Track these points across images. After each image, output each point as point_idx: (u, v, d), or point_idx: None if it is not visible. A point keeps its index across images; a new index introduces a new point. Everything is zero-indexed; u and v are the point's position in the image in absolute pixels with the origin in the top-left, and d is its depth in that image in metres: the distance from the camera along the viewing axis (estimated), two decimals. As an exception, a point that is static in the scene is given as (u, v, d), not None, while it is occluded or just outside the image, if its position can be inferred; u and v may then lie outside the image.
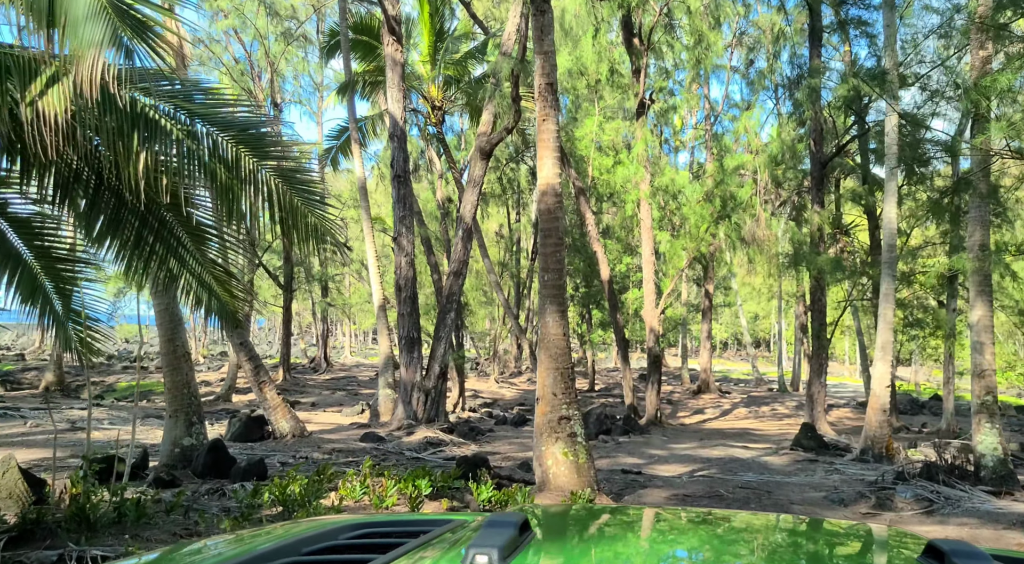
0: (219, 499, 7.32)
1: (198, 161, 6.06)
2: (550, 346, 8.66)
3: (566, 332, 8.77)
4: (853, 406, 27.65)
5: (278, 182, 6.29)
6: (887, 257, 13.32)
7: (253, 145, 6.23)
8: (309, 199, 6.44)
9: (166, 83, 6.19)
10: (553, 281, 8.72)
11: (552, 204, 8.71)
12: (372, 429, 15.58)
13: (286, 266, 26.60)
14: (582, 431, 8.68)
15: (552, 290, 8.71)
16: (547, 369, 8.66)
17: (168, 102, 5.96)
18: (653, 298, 20.20)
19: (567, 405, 8.61)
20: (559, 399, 8.59)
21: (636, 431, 17.99)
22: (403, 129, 15.88)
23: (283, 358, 26.82)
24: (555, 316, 8.66)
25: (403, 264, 15.72)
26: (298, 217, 6.34)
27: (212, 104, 6.35)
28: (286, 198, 6.29)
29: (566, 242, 28.82)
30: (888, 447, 13.33)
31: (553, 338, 8.65)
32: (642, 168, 20.40)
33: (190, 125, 5.99)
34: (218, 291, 7.43)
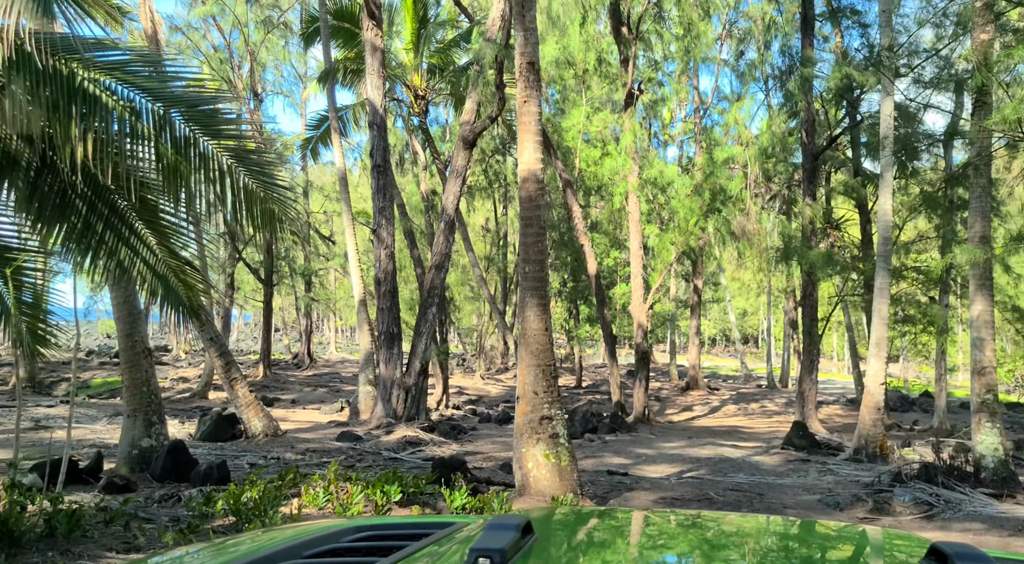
0: (172, 506, 6.79)
1: (142, 139, 5.52)
2: (531, 342, 8.17)
3: (548, 327, 8.29)
4: (843, 403, 27.33)
5: (231, 163, 5.75)
6: (882, 250, 12.91)
7: (204, 122, 5.69)
8: (266, 182, 5.91)
9: (107, 54, 5.64)
10: (534, 273, 8.23)
11: (534, 191, 8.21)
12: (350, 428, 15.06)
13: (266, 260, 26.00)
14: (565, 431, 8.20)
15: (533, 282, 8.22)
16: (528, 366, 8.18)
17: (108, 74, 5.41)
18: (641, 293, 19.75)
19: (549, 404, 8.13)
20: (541, 398, 8.11)
21: (623, 429, 17.55)
22: (383, 117, 15.34)
23: (263, 354, 26.20)
24: (536, 310, 8.17)
25: (383, 257, 15.19)
26: (253, 201, 5.81)
27: (160, 78, 5.80)
28: (240, 180, 5.76)
29: (552, 235, 28.33)
30: (882, 446, 12.93)
31: (534, 333, 8.16)
32: (630, 160, 19.93)
33: (133, 100, 5.45)
34: (174, 283, 6.89)
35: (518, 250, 8.07)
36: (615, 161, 19.87)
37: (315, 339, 75.85)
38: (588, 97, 21.65)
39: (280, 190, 5.99)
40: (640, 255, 19.97)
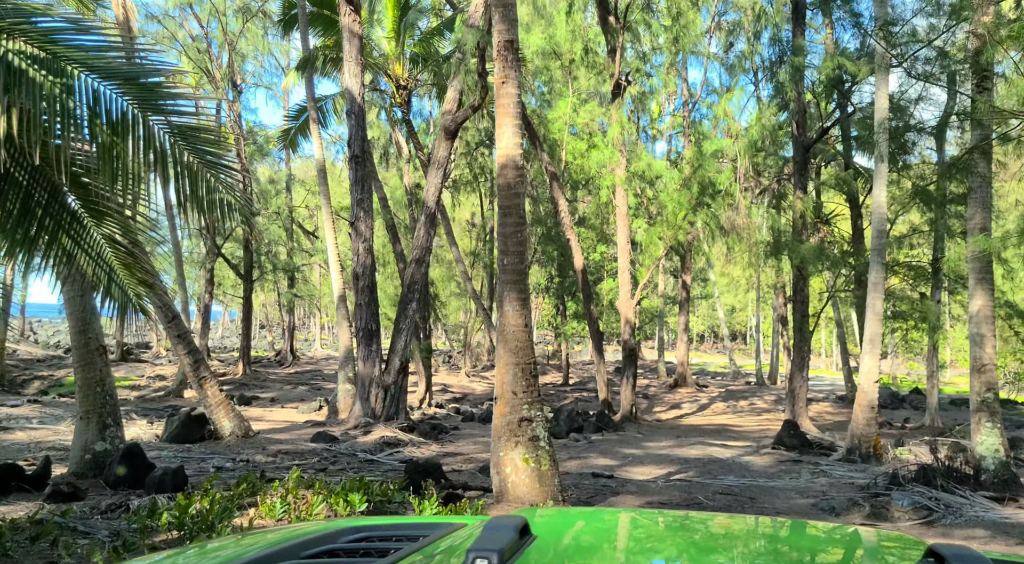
0: (118, 517, 6.25)
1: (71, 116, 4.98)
2: (510, 338, 7.68)
3: (528, 323, 7.79)
4: (832, 400, 27.00)
5: (174, 140, 5.22)
6: (876, 243, 12.49)
7: (141, 96, 5.15)
8: (213, 163, 5.38)
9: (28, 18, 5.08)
10: (513, 265, 7.73)
11: (512, 178, 7.71)
12: (327, 428, 14.53)
13: (246, 255, 25.37)
14: (546, 434, 7.72)
15: (512, 275, 7.72)
16: (506, 364, 7.68)
17: (28, 41, 4.86)
18: (628, 288, 19.29)
19: (529, 405, 7.64)
20: (520, 398, 7.62)
21: (610, 428, 17.09)
22: (361, 106, 14.79)
23: (243, 351, 25.60)
24: (515, 304, 7.68)
25: (361, 251, 14.65)
26: (198, 183, 5.28)
27: (92, 46, 5.25)
28: (182, 159, 5.23)
29: (539, 230, 27.83)
30: (876, 446, 12.52)
31: (513, 329, 7.67)
32: (617, 152, 19.45)
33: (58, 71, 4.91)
34: (120, 275, 6.35)
35: (497, 241, 7.55)
36: (602, 153, 19.38)
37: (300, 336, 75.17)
38: (575, 88, 21.16)
39: (228, 171, 5.46)
40: (627, 250, 19.51)
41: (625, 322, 19.38)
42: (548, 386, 29.22)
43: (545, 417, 7.87)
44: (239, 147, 24.53)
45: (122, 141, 5.09)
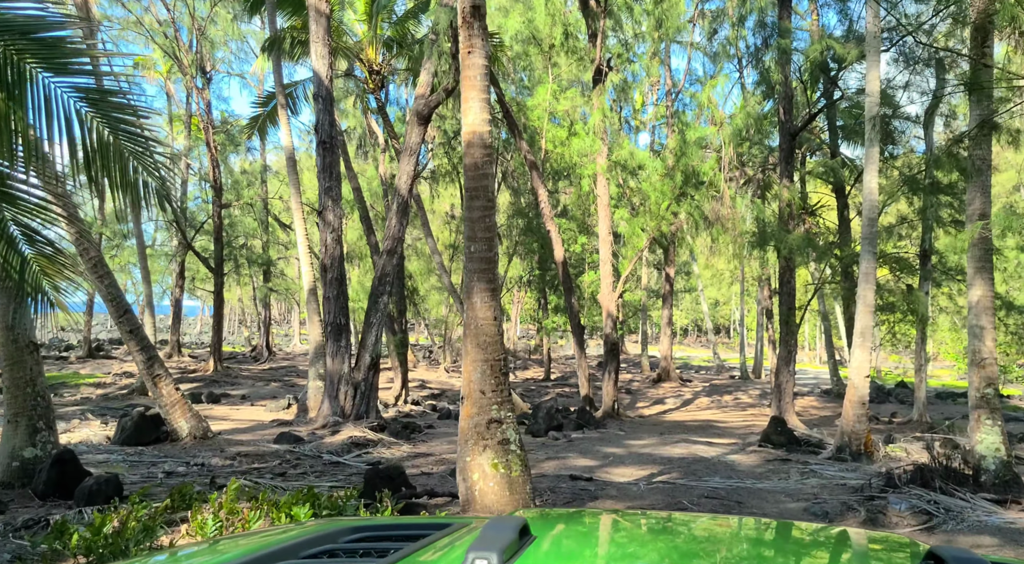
0: (33, 536, 5.56)
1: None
2: (478, 333, 7.03)
3: (497, 316, 7.15)
4: (818, 394, 26.60)
5: (82, 108, 4.52)
6: (866, 232, 11.94)
7: (43, 54, 4.44)
8: (129, 135, 4.68)
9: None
10: (481, 253, 7.08)
11: (480, 158, 7.05)
12: (293, 427, 13.84)
13: (216, 247, 24.53)
14: (516, 436, 7.08)
15: (480, 264, 7.07)
16: (474, 361, 7.04)
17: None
18: (610, 281, 18.71)
19: (498, 405, 7.00)
20: (488, 398, 6.98)
21: (591, 425, 16.51)
22: (329, 89, 14.06)
23: (214, 347, 24.78)
24: (484, 296, 7.03)
25: (329, 241, 13.94)
26: (111, 157, 4.58)
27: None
28: (93, 129, 4.53)
29: (519, 222, 27.18)
30: (866, 444, 12.00)
31: (481, 323, 7.02)
32: (599, 141, 18.85)
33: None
34: (35, 265, 5.64)
35: (464, 227, 6.90)
36: (583, 142, 18.76)
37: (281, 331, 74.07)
38: (555, 74, 20.51)
39: (146, 143, 4.76)
40: (609, 241, 18.92)
41: (607, 315, 18.80)
42: (529, 381, 28.65)
43: (516, 418, 7.24)
44: (208, 136, 23.65)
45: (19, 107, 4.38)
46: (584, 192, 20.15)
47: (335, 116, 14.27)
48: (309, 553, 1.67)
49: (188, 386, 22.75)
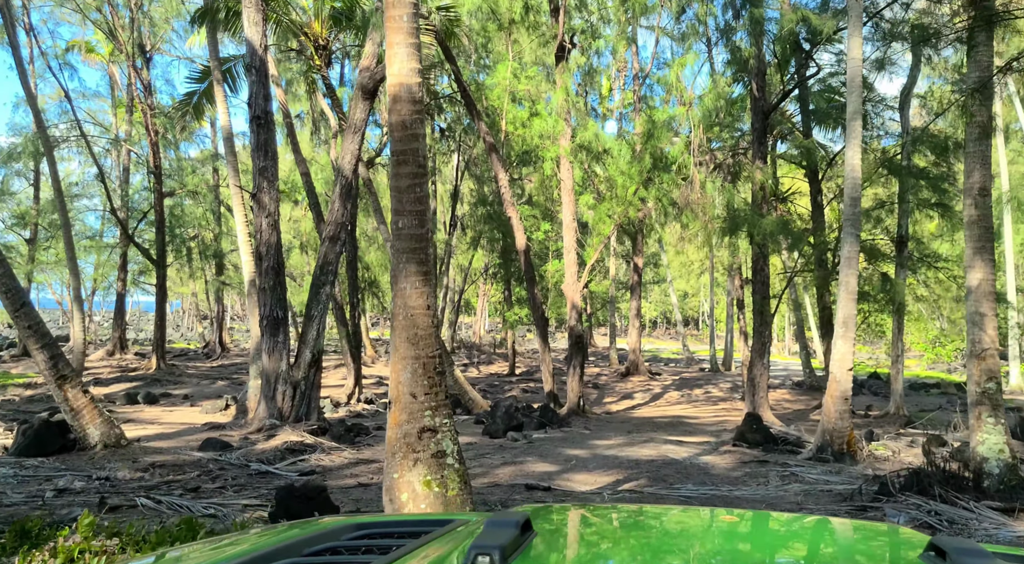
0: None
1: None
2: (408, 325, 5.89)
3: (431, 304, 6.02)
4: (790, 386, 25.85)
5: None
6: (849, 213, 11.00)
7: None
8: None
9: None
10: (412, 229, 5.94)
11: (408, 115, 5.89)
12: (226, 432, 12.60)
13: (158, 237, 23.01)
14: (455, 447, 5.96)
15: (410, 242, 5.93)
16: (403, 359, 5.90)
17: None
18: (575, 270, 17.64)
19: (432, 410, 5.87)
20: (420, 402, 5.85)
21: (555, 424, 15.46)
22: (263, 59, 12.77)
23: (156, 343, 23.27)
24: (414, 280, 5.89)
25: (264, 226, 12.68)
26: None
27: None
28: None
29: (481, 211, 26.03)
30: (849, 442, 11.08)
31: (412, 313, 5.88)
32: (562, 121, 17.75)
33: None
34: None
35: (391, 198, 5.69)
36: (545, 122, 17.64)
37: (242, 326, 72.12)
38: (516, 52, 19.35)
39: None
40: (574, 227, 17.85)
41: (572, 307, 17.75)
42: (493, 376, 27.56)
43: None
44: (146, 119, 22.11)
45: None
46: (547, 176, 19.02)
47: (270, 89, 12.98)
48: (312, 551, 1.67)
49: (126, 386, 21.29)
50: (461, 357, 32.57)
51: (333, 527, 1.86)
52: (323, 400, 17.72)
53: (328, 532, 1.81)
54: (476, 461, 10.82)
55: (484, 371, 29.17)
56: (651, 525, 1.93)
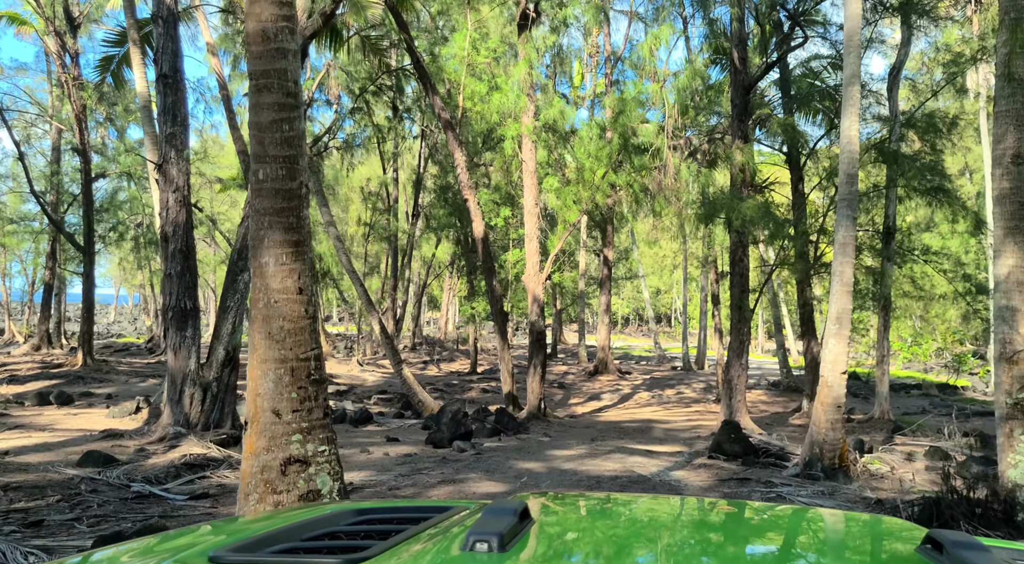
0: None
1: None
2: (270, 315, 4.26)
3: (305, 287, 4.38)
4: (765, 387, 24.54)
5: None
6: (844, 191, 9.53)
7: None
8: None
9: None
10: (277, 182, 4.30)
11: (271, 21, 4.25)
12: (121, 441, 10.84)
13: (85, 222, 21.03)
14: (335, 485, 4.35)
15: (275, 200, 4.29)
16: (263, 363, 4.26)
17: None
18: (537, 259, 16.07)
19: (304, 434, 4.25)
20: (287, 423, 4.22)
21: (511, 430, 13.88)
22: (171, 9, 11.01)
23: (83, 337, 21.30)
24: (280, 253, 4.26)
25: (171, 203, 10.92)
26: None
27: None
28: None
29: (445, 200, 24.33)
30: (842, 457, 9.62)
31: (277, 299, 4.25)
32: (525, 97, 16.16)
33: None
34: None
35: (249, 140, 3.96)
36: (506, 97, 16.02)
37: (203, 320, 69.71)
38: (475, 20, 17.69)
39: None
40: (536, 213, 16.27)
41: (533, 300, 16.17)
42: (453, 375, 25.92)
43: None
44: (70, 92, 20.12)
45: None
46: (508, 156, 17.41)
47: (180, 45, 11.20)
48: (311, 535, 1.66)
49: (45, 383, 19.34)
50: (421, 354, 30.88)
51: (333, 512, 1.88)
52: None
53: (328, 517, 1.81)
54: (408, 478, 9.21)
55: (445, 369, 27.53)
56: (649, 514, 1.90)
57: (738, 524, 1.83)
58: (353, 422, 14.78)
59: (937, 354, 38.56)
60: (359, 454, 10.99)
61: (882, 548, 1.67)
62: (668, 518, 1.85)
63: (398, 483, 8.96)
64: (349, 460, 10.63)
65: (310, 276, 4.36)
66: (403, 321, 34.58)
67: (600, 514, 1.87)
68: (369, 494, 8.35)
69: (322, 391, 4.41)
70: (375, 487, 8.67)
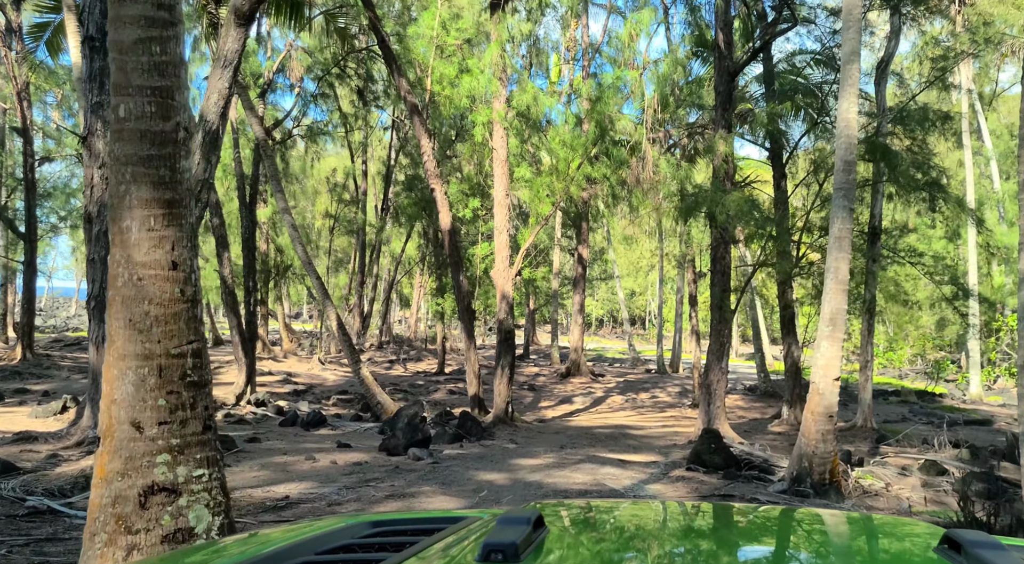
0: None
1: None
2: (133, 297, 3.23)
3: (180, 260, 3.36)
4: (742, 391, 23.77)
5: None
6: (841, 180, 8.67)
7: None
8: None
9: None
10: (144, 121, 3.28)
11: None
12: (36, 444, 9.69)
13: (26, 206, 19.68)
14: (216, 521, 3.33)
15: (141, 146, 3.27)
16: (122, 359, 3.23)
17: None
18: (507, 254, 15.09)
19: (174, 453, 3.23)
20: (152, 438, 3.20)
21: (475, 435, 12.89)
22: (101, -38, 9.88)
23: (23, 330, 19.95)
24: (148, 215, 3.24)
25: (96, 179, 9.80)
26: None
27: None
28: None
29: (411, 188, 23.26)
30: (833, 471, 8.76)
31: (142, 275, 3.23)
32: (496, 81, 15.19)
33: None
34: None
35: (110, 67, 2.87)
36: (476, 81, 15.04)
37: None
38: (445, 0, 16.69)
39: None
40: (507, 204, 15.30)
41: (502, 297, 15.19)
42: (420, 375, 24.85)
43: (221, 476, 3.47)
44: (9, 67, 18.74)
45: None
46: (478, 144, 16.41)
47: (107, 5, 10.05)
48: (325, 548, 1.66)
49: (-24, 379, 18.03)
50: (388, 353, 29.77)
51: (347, 525, 1.86)
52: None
53: (342, 530, 1.81)
54: (353, 491, 8.20)
55: (412, 369, 26.45)
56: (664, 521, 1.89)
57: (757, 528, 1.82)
58: (305, 425, 13.71)
59: (911, 360, 38.18)
60: (303, 462, 9.94)
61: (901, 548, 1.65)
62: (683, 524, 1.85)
63: (341, 497, 7.93)
64: (291, 469, 9.59)
65: (190, 247, 3.35)
66: (370, 318, 33.43)
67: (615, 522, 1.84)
68: (305, 511, 7.32)
69: (202, 397, 3.40)
70: (312, 502, 7.64)
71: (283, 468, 9.57)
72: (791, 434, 15.45)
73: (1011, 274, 32.12)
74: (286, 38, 19.92)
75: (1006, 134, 36.18)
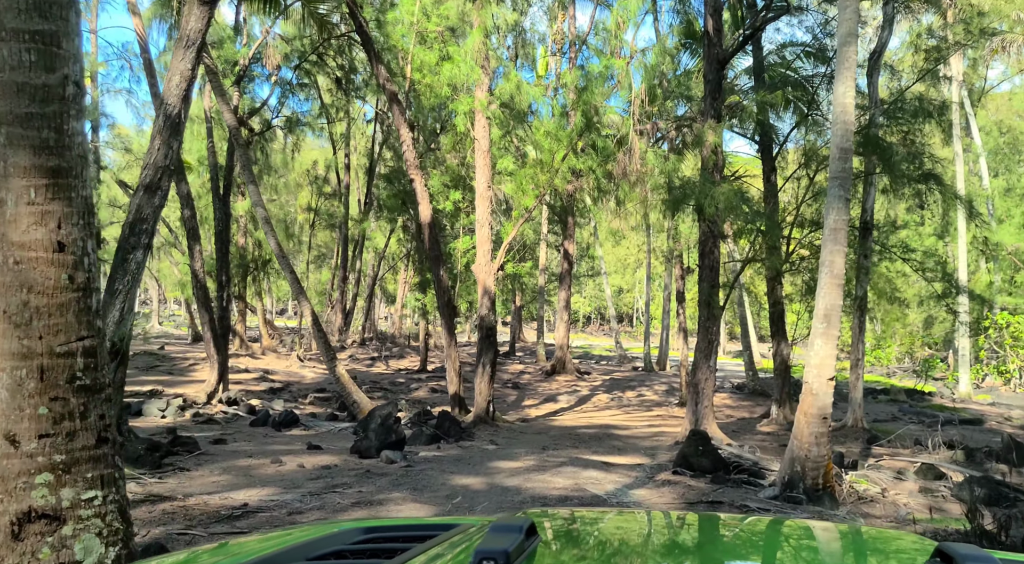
0: None
1: None
2: (7, 284, 2.69)
3: (69, 242, 2.82)
4: (729, 390, 23.36)
5: None
6: (837, 168, 8.21)
7: None
8: None
9: None
10: (19, 72, 2.77)
11: None
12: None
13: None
14: (112, 550, 2.79)
15: (15, 103, 2.73)
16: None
17: None
18: (489, 247, 14.58)
19: (61, 470, 2.69)
20: (30, 454, 2.66)
21: (454, 436, 12.38)
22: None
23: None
24: (26, 185, 2.71)
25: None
26: None
27: None
28: None
29: (390, 180, 22.69)
30: (826, 476, 8.30)
31: (20, 258, 2.69)
32: (479, 69, 14.66)
33: None
34: None
35: None
36: (457, 68, 14.49)
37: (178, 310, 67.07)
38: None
39: None
40: (489, 196, 14.78)
41: (483, 292, 14.68)
42: (401, 372, 24.31)
43: (120, 499, 2.94)
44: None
45: None
46: (460, 134, 15.87)
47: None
48: (317, 554, 1.65)
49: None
50: (370, 350, 29.19)
51: (339, 531, 1.86)
52: (173, 400, 14.31)
53: (333, 535, 1.80)
54: (317, 498, 7.67)
55: (394, 366, 25.90)
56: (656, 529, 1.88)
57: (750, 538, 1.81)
58: (276, 425, 13.16)
59: (899, 358, 37.94)
60: (268, 466, 9.40)
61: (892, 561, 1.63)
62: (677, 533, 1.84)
63: (303, 505, 7.40)
64: (254, 473, 9.04)
65: (82, 227, 2.82)
66: (353, 314, 32.85)
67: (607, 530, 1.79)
68: (263, 521, 6.79)
69: (96, 404, 2.87)
70: (272, 510, 7.10)
71: (246, 472, 9.02)
72: (781, 434, 15.03)
73: (999, 272, 31.92)
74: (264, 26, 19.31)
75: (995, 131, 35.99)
